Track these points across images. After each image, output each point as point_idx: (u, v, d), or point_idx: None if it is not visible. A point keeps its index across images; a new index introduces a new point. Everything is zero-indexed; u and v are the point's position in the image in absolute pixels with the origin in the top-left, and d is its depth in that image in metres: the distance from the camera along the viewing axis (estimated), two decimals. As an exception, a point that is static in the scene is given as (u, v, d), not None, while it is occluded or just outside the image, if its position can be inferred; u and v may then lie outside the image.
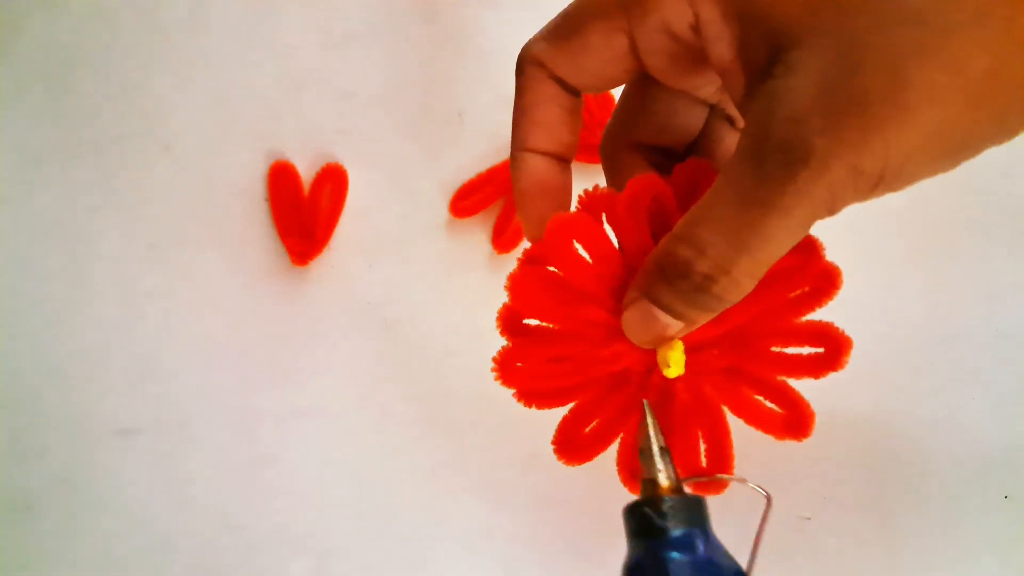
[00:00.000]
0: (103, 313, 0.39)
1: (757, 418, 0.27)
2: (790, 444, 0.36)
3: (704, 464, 0.28)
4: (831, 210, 0.21)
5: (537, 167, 0.25)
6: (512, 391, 0.26)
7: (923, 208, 0.36)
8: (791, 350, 0.26)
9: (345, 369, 0.38)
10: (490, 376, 0.27)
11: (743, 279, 0.22)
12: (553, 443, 0.27)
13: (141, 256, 0.40)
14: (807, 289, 0.25)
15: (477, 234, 0.40)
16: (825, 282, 0.25)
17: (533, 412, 0.28)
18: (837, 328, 0.26)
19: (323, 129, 0.42)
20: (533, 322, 0.26)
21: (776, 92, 0.20)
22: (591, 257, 0.25)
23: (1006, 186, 0.38)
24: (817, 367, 0.26)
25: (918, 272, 0.37)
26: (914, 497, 0.35)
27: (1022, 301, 0.37)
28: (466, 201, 0.40)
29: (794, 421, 0.27)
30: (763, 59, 0.20)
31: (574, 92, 0.25)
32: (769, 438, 0.37)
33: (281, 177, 0.41)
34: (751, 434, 0.37)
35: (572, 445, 0.27)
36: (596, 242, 0.25)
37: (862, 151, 0.19)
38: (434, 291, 0.39)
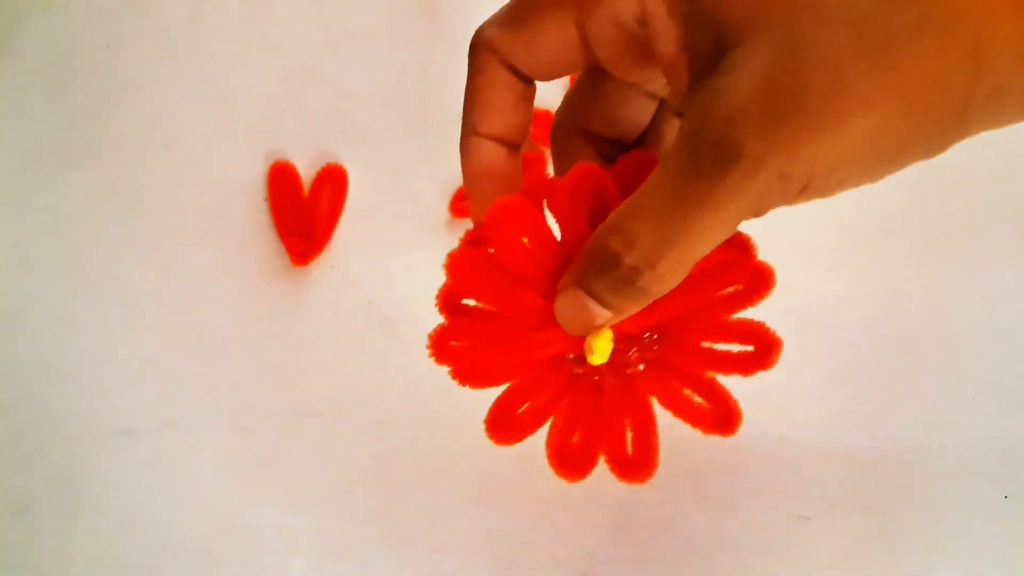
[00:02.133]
0: (103, 313, 0.39)
1: (685, 412, 0.28)
2: (790, 444, 0.36)
3: (629, 453, 0.28)
4: (757, 212, 0.21)
5: (487, 151, 0.26)
6: (446, 369, 0.27)
7: (923, 208, 0.37)
8: (722, 347, 0.27)
9: (345, 369, 0.38)
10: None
11: (668, 274, 0.22)
12: (485, 423, 0.28)
13: (141, 256, 0.40)
14: (740, 287, 0.26)
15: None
16: (758, 280, 0.25)
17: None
18: (767, 328, 0.26)
19: (323, 129, 0.42)
20: (472, 303, 0.27)
21: (715, 90, 0.20)
22: (530, 242, 0.25)
23: (1006, 187, 0.38)
24: (747, 364, 0.26)
25: (918, 272, 0.37)
26: (914, 497, 0.35)
27: (1022, 301, 0.37)
28: (466, 201, 0.40)
29: (721, 417, 0.28)
30: (707, 56, 0.20)
31: (526, 79, 0.25)
32: (767, 439, 0.37)
33: (281, 177, 0.41)
34: (751, 435, 0.37)
35: (504, 425, 0.28)
36: (535, 228, 0.25)
37: (792, 157, 0.19)
38: (434, 291, 0.39)
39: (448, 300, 0.26)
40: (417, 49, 0.42)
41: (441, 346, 0.27)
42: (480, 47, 0.25)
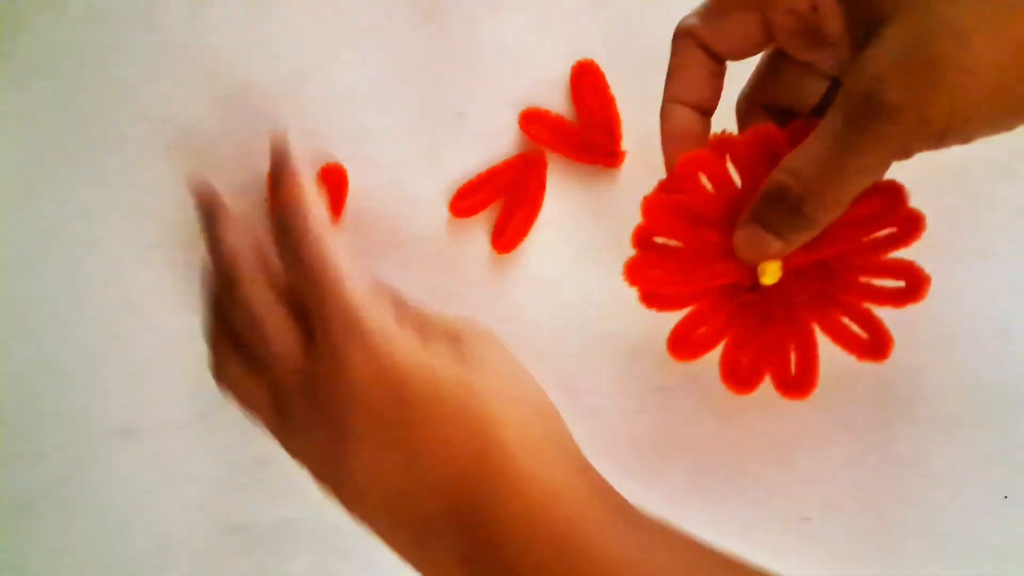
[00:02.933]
0: (103, 313, 0.39)
1: (842, 338, 0.32)
2: (790, 444, 0.36)
3: (793, 373, 0.32)
4: (906, 153, 0.25)
5: (681, 116, 0.31)
6: (636, 290, 0.31)
7: (923, 208, 0.36)
8: (878, 282, 0.31)
9: (345, 369, 0.38)
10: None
11: (829, 203, 0.26)
12: (668, 341, 0.32)
13: (141, 256, 0.40)
14: (894, 230, 0.29)
15: (477, 234, 0.40)
16: (910, 225, 0.29)
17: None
18: (918, 266, 0.30)
19: (323, 129, 0.42)
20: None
21: (867, 57, 0.24)
22: (713, 188, 0.30)
23: (1006, 186, 0.38)
24: (899, 298, 0.30)
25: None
26: (914, 497, 0.35)
27: (1022, 301, 0.37)
28: (466, 201, 0.40)
29: (875, 344, 0.31)
30: (863, 33, 0.25)
31: (718, 59, 0.30)
32: (767, 439, 0.37)
33: None
34: (751, 435, 0.37)
35: (684, 344, 0.32)
36: (718, 175, 0.30)
37: (930, 105, 0.23)
38: (434, 291, 0.39)
39: (642, 237, 0.31)
40: (417, 49, 0.42)
41: (635, 272, 0.31)
42: (681, 32, 0.30)
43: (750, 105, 0.32)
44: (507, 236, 0.39)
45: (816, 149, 0.26)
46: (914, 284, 0.30)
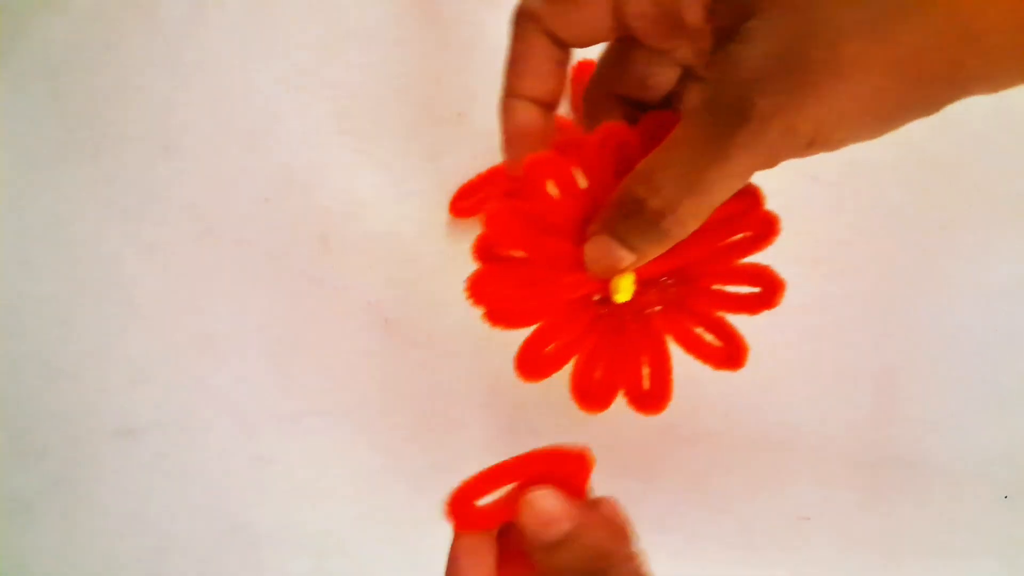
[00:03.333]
0: (103, 313, 0.39)
1: (697, 349, 0.30)
2: (790, 444, 0.36)
3: (646, 387, 0.30)
4: (770, 163, 0.23)
5: (524, 112, 0.28)
6: (481, 311, 0.29)
7: (923, 208, 0.37)
8: (732, 289, 0.29)
9: (345, 369, 0.38)
10: (491, 374, 0.27)
11: (688, 218, 0.24)
12: (515, 361, 0.29)
13: (141, 256, 0.40)
14: (749, 234, 0.28)
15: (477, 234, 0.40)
16: (765, 228, 0.28)
17: (533, 413, 0.28)
18: (773, 271, 0.29)
19: (323, 129, 0.42)
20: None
21: (732, 56, 0.22)
22: (561, 194, 0.27)
23: (1006, 186, 0.38)
24: (754, 304, 0.29)
25: (918, 272, 0.37)
26: (914, 497, 0.35)
27: (1022, 301, 0.37)
28: (466, 201, 0.40)
29: (730, 353, 0.30)
30: (727, 26, 0.23)
31: (563, 46, 0.28)
32: (767, 439, 0.37)
33: None
34: (751, 435, 0.37)
35: (532, 363, 0.29)
36: (566, 180, 0.27)
37: (798, 113, 0.22)
38: (434, 291, 0.39)
39: (484, 249, 0.29)
40: (417, 49, 0.42)
41: (478, 289, 0.28)
42: (523, 16, 0.27)
43: (596, 95, 0.30)
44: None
45: (675, 156, 0.24)
46: (769, 289, 0.29)
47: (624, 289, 0.27)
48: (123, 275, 0.40)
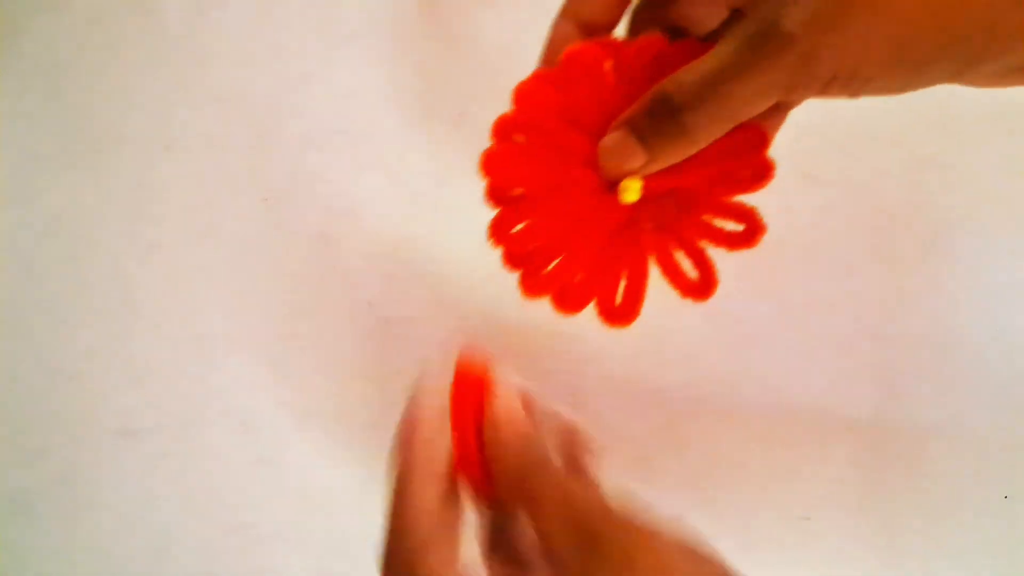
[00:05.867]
0: (103, 313, 0.39)
1: (673, 274, 0.31)
2: (790, 445, 0.36)
3: (618, 301, 0.31)
4: (788, 91, 0.24)
5: (570, 35, 0.29)
6: (484, 186, 0.30)
7: (923, 208, 0.37)
8: (718, 222, 0.30)
9: (345, 369, 0.38)
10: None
11: (707, 120, 0.25)
12: (490, 231, 0.30)
13: (141, 256, 0.40)
14: (747, 174, 0.29)
15: (478, 234, 0.40)
16: (761, 171, 0.29)
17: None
18: (758, 214, 0.29)
19: (323, 129, 0.42)
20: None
21: None
22: (591, 90, 0.28)
23: (1006, 186, 0.38)
24: (735, 241, 0.30)
25: (918, 272, 0.37)
26: (914, 497, 0.35)
27: (1022, 301, 0.37)
28: None
29: (700, 285, 0.31)
30: None
31: None
32: (768, 439, 0.37)
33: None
34: (752, 435, 0.37)
35: (532, 277, 0.30)
36: (600, 78, 0.28)
37: (822, 42, 0.22)
38: (434, 291, 0.39)
39: (505, 128, 0.29)
40: (417, 49, 0.42)
41: (489, 163, 0.29)
42: None
43: (643, 15, 0.30)
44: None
45: (705, 65, 0.25)
46: (751, 229, 0.29)
47: (632, 190, 0.28)
48: (123, 275, 0.40)
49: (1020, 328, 0.36)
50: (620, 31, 0.30)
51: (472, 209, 0.41)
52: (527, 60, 0.41)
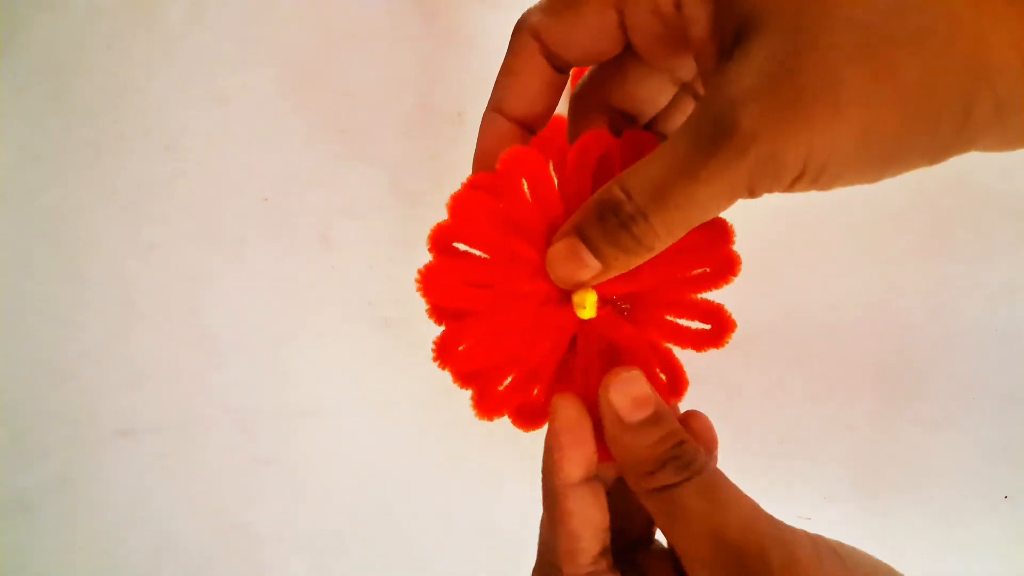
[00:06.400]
0: (103, 313, 0.39)
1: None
2: (790, 444, 0.36)
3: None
4: (751, 192, 0.22)
5: (504, 130, 0.27)
6: (426, 305, 0.27)
7: (923, 208, 0.37)
8: (683, 322, 0.28)
9: (345, 369, 0.38)
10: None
11: (660, 229, 0.23)
12: (472, 397, 0.28)
13: (141, 256, 0.40)
14: (708, 270, 0.27)
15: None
16: (725, 267, 0.27)
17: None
18: (725, 311, 0.28)
19: (323, 129, 0.42)
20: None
21: (727, 73, 0.21)
22: (533, 196, 0.26)
23: (1006, 186, 0.38)
24: (702, 341, 0.28)
25: (918, 272, 0.37)
26: (914, 497, 0.35)
27: (1022, 301, 0.37)
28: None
29: (669, 386, 0.29)
30: (729, 42, 0.22)
31: (560, 68, 0.27)
32: (768, 440, 0.37)
33: None
34: (752, 436, 0.37)
35: (490, 399, 0.28)
36: (541, 182, 0.26)
37: (786, 140, 0.20)
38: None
39: (442, 239, 0.27)
40: (417, 49, 0.42)
41: (429, 282, 0.27)
42: (522, 30, 0.26)
43: (585, 103, 0.28)
44: None
45: (655, 168, 0.22)
46: (719, 328, 0.27)
47: (590, 305, 0.26)
48: (123, 275, 0.40)
49: (1020, 328, 0.36)
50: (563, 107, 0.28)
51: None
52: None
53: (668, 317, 0.28)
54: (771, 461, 0.37)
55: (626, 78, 0.27)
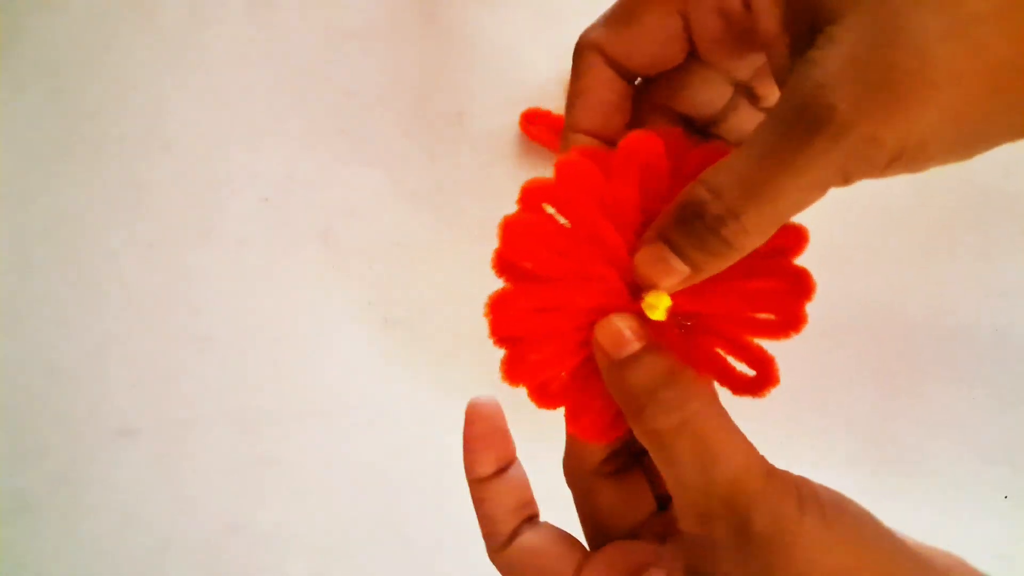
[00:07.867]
0: (103, 313, 0.39)
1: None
2: (790, 444, 0.36)
3: (594, 418, 0.29)
4: (846, 179, 0.21)
5: (585, 143, 0.27)
6: (493, 338, 0.27)
7: (924, 208, 0.37)
8: (732, 359, 0.27)
9: (345, 369, 0.38)
10: (491, 376, 0.27)
11: (751, 228, 0.22)
12: (506, 369, 0.27)
13: (141, 255, 0.40)
14: (777, 319, 0.27)
15: (473, 233, 0.40)
16: (793, 320, 0.26)
17: (535, 412, 0.28)
18: (775, 365, 0.27)
19: (323, 129, 0.42)
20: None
21: (810, 60, 0.21)
22: (642, 183, 0.26)
23: (1006, 186, 0.38)
24: (743, 386, 0.27)
25: (918, 272, 0.37)
26: (914, 497, 0.35)
27: (1022, 301, 0.37)
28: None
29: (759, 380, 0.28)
30: (804, 34, 0.22)
31: (628, 78, 0.27)
32: (768, 440, 0.37)
33: None
34: (751, 435, 0.37)
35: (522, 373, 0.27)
36: (654, 171, 0.26)
37: (884, 123, 0.20)
38: (434, 291, 0.39)
39: (534, 195, 0.26)
40: (417, 49, 0.42)
41: (497, 312, 0.26)
42: (585, 48, 0.26)
43: (641, 103, 0.28)
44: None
45: (742, 162, 0.22)
46: (763, 378, 0.27)
47: (660, 308, 0.25)
48: (123, 275, 0.40)
49: (1020, 328, 0.36)
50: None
51: (472, 209, 0.41)
52: (527, 60, 0.41)
53: (719, 351, 0.27)
54: (770, 461, 0.36)
55: (683, 80, 0.27)
